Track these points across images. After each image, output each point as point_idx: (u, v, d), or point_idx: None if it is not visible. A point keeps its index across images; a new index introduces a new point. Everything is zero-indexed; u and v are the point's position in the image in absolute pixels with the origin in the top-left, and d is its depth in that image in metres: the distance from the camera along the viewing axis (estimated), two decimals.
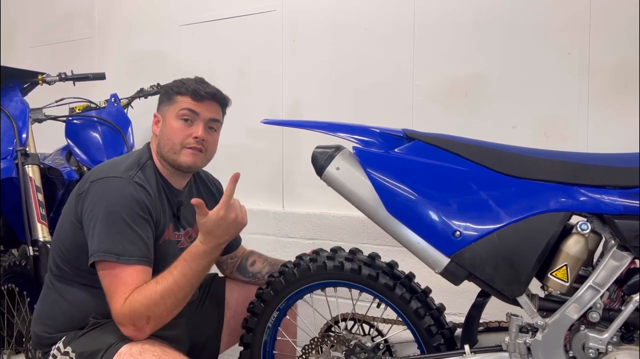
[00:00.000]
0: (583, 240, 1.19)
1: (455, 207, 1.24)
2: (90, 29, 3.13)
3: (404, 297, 1.40)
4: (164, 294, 1.29)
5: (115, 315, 1.30)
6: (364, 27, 2.28)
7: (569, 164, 1.21)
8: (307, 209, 2.38)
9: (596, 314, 1.16)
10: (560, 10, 1.92)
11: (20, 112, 2.10)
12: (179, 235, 1.55)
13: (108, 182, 1.39)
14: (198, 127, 1.49)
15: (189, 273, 1.31)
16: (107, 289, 1.33)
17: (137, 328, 1.29)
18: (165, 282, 1.30)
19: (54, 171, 2.12)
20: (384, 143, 1.33)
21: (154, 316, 1.29)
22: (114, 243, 1.32)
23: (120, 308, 1.29)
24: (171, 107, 1.50)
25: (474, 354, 1.30)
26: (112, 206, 1.35)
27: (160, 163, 1.52)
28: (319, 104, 2.40)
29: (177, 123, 1.48)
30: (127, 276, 1.31)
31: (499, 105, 2.03)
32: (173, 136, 1.48)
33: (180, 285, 1.30)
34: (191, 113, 1.48)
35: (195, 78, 1.54)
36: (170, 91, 1.52)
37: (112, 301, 1.31)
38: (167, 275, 1.31)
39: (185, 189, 1.59)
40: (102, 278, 1.34)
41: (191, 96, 1.49)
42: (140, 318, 1.29)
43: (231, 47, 2.61)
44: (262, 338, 1.57)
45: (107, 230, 1.33)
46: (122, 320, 1.30)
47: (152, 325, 1.30)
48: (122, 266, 1.31)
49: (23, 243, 2.07)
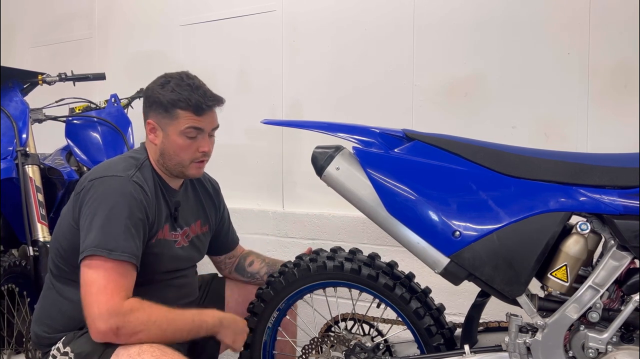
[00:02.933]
0: (583, 240, 1.19)
1: (455, 208, 1.24)
2: (90, 29, 3.13)
3: (403, 297, 1.40)
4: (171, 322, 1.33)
5: (105, 310, 1.26)
6: (363, 28, 2.28)
7: (568, 164, 1.21)
8: (307, 209, 2.38)
9: (596, 314, 1.17)
10: (560, 11, 1.92)
11: (20, 112, 2.10)
12: (176, 235, 1.55)
13: (107, 181, 1.39)
14: (204, 141, 1.48)
15: (196, 321, 1.39)
16: (92, 283, 1.29)
17: (118, 333, 1.26)
18: (176, 312, 1.35)
19: (54, 171, 2.12)
20: (383, 143, 1.33)
21: (145, 332, 1.28)
22: (107, 239, 1.32)
23: (118, 305, 1.26)
24: (173, 122, 1.46)
25: (473, 354, 1.31)
26: (110, 203, 1.35)
27: (159, 168, 1.52)
28: (319, 104, 2.40)
29: (182, 140, 1.46)
30: (117, 271, 1.31)
31: (499, 105, 2.03)
32: (181, 153, 1.47)
33: (185, 324, 1.36)
34: (196, 130, 1.46)
35: (187, 83, 1.47)
36: (168, 103, 1.45)
37: (99, 296, 1.27)
38: (180, 310, 1.37)
39: (181, 189, 1.59)
40: (88, 270, 1.31)
41: (194, 112, 1.45)
42: (131, 327, 1.27)
43: (231, 47, 2.61)
44: (262, 338, 1.57)
45: (101, 226, 1.33)
46: (109, 317, 1.25)
47: (132, 339, 1.28)
48: (113, 261, 1.31)
49: (23, 243, 2.07)
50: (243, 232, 2.29)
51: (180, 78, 1.49)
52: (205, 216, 1.66)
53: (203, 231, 1.65)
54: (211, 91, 1.51)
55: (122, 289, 1.30)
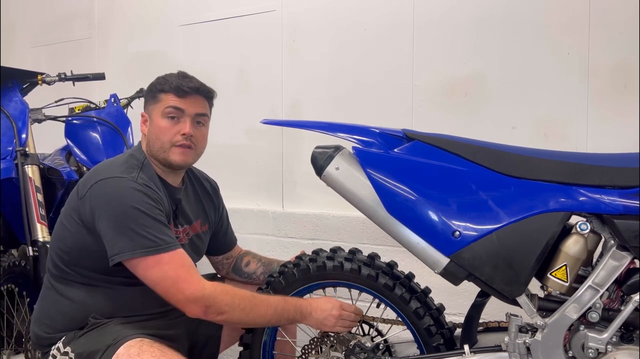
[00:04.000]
0: (582, 240, 1.19)
1: (454, 208, 1.24)
2: (90, 29, 3.13)
3: (403, 297, 1.40)
4: (254, 307, 1.37)
5: (190, 294, 1.32)
6: (363, 28, 2.28)
7: (568, 164, 1.21)
8: (307, 210, 2.38)
9: (595, 314, 1.17)
10: (560, 11, 1.92)
11: (19, 112, 2.10)
12: (178, 232, 1.55)
13: (118, 182, 1.39)
14: (185, 124, 1.48)
15: (279, 309, 1.41)
16: (163, 278, 1.34)
17: (208, 312, 1.34)
18: (260, 299, 1.41)
19: (53, 171, 2.12)
20: (383, 143, 1.33)
21: (229, 313, 1.35)
22: (146, 237, 1.33)
23: (200, 289, 1.32)
24: (156, 105, 1.50)
25: (473, 354, 1.30)
26: (130, 202, 1.35)
27: (153, 162, 1.52)
28: (319, 104, 2.40)
29: (163, 122, 1.48)
30: (177, 260, 1.35)
31: (499, 105, 2.03)
32: (161, 135, 1.48)
33: (268, 310, 1.39)
34: (176, 110, 1.47)
35: (178, 73, 1.53)
36: (154, 89, 1.51)
37: (179, 284, 1.32)
38: (265, 296, 1.44)
39: (182, 187, 1.59)
40: (145, 271, 1.35)
41: (174, 93, 1.47)
42: (217, 306, 1.34)
43: (231, 47, 2.61)
44: (262, 338, 1.57)
45: (132, 226, 1.33)
46: (198, 300, 1.32)
47: (219, 318, 1.37)
48: (166, 254, 1.33)
49: (23, 243, 2.07)
50: (243, 232, 2.29)
51: (174, 72, 1.53)
52: (205, 215, 1.66)
53: (203, 229, 1.65)
54: (203, 83, 1.53)
55: (194, 273, 1.36)
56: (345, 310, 1.47)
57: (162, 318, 1.50)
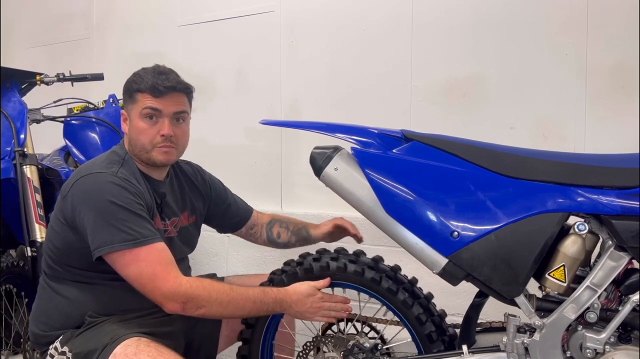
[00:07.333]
0: (580, 240, 1.19)
1: (453, 208, 1.24)
2: (89, 29, 3.13)
3: (405, 302, 1.40)
4: (232, 301, 1.35)
5: (167, 291, 1.31)
6: (362, 28, 2.28)
7: (566, 165, 1.21)
8: (306, 210, 2.38)
9: (594, 314, 1.17)
10: (558, 11, 1.93)
11: (18, 112, 2.10)
12: (166, 224, 1.55)
13: (96, 177, 1.39)
14: (163, 124, 1.46)
15: (257, 302, 1.38)
16: (140, 275, 1.33)
17: (185, 307, 1.33)
18: (238, 291, 1.37)
19: (52, 172, 2.12)
20: (382, 144, 1.33)
21: (207, 307, 1.34)
22: (124, 231, 1.32)
23: (176, 285, 1.31)
24: (134, 106, 1.48)
25: (471, 354, 1.31)
26: (108, 197, 1.35)
27: (136, 159, 1.52)
28: (317, 104, 2.40)
29: (141, 123, 1.46)
30: (154, 255, 1.33)
31: (497, 106, 2.03)
32: (141, 137, 1.47)
33: (246, 304, 1.37)
34: (154, 111, 1.46)
35: (154, 68, 1.49)
36: (131, 87, 1.49)
37: (155, 282, 1.32)
38: (243, 289, 1.39)
39: (166, 180, 1.58)
40: (123, 267, 1.34)
41: (150, 93, 1.45)
42: (195, 301, 1.32)
43: (229, 47, 2.61)
44: (262, 338, 1.57)
45: (110, 221, 1.33)
46: (174, 296, 1.31)
47: (197, 313, 1.35)
48: (144, 249, 1.32)
49: (21, 244, 2.07)
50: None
51: (151, 67, 1.50)
52: (192, 207, 1.66)
53: (190, 221, 1.65)
54: (179, 77, 1.51)
55: (170, 269, 1.34)
56: (327, 301, 1.45)
57: (157, 314, 1.48)
